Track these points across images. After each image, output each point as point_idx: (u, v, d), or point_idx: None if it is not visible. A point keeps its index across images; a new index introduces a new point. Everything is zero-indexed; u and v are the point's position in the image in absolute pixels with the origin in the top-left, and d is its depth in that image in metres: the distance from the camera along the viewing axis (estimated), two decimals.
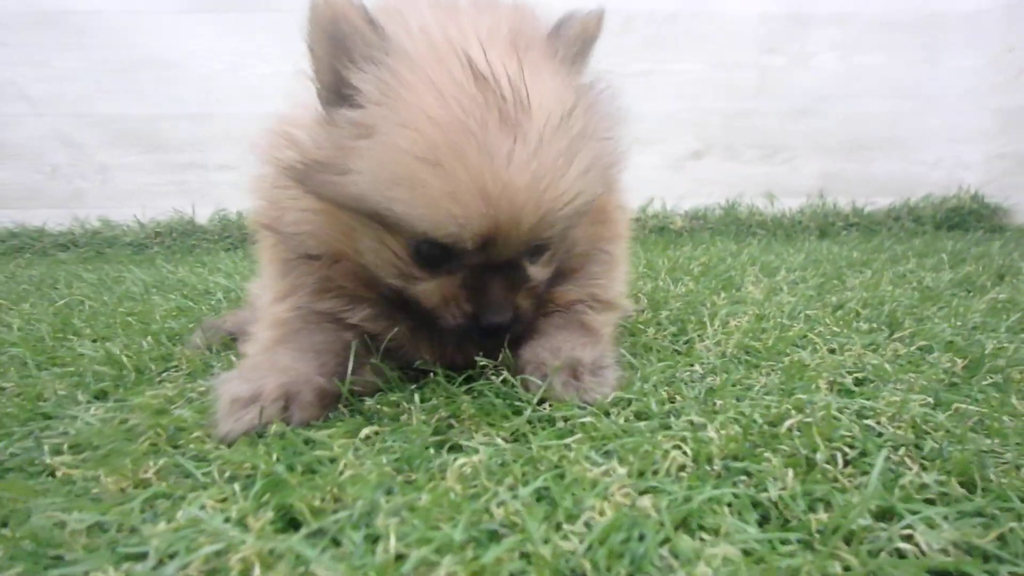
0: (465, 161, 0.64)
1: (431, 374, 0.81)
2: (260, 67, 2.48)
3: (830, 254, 1.95)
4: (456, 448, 0.64)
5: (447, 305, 0.74)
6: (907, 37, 2.55)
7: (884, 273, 1.53)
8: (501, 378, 0.79)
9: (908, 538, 0.48)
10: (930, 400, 0.71)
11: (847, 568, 0.46)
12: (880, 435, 0.64)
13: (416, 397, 0.75)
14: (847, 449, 0.60)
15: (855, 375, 0.80)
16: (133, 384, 0.88)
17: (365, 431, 0.67)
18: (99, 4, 2.40)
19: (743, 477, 0.57)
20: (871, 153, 2.62)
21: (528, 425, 0.68)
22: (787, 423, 0.63)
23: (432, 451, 0.63)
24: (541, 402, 0.72)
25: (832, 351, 0.90)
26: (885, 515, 0.52)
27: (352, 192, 0.68)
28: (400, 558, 0.46)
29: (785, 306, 1.19)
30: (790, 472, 0.56)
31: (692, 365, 0.87)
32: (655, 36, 2.50)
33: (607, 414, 0.70)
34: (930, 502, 0.53)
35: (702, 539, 0.49)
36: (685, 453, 0.60)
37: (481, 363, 0.81)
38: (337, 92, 0.71)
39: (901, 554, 0.47)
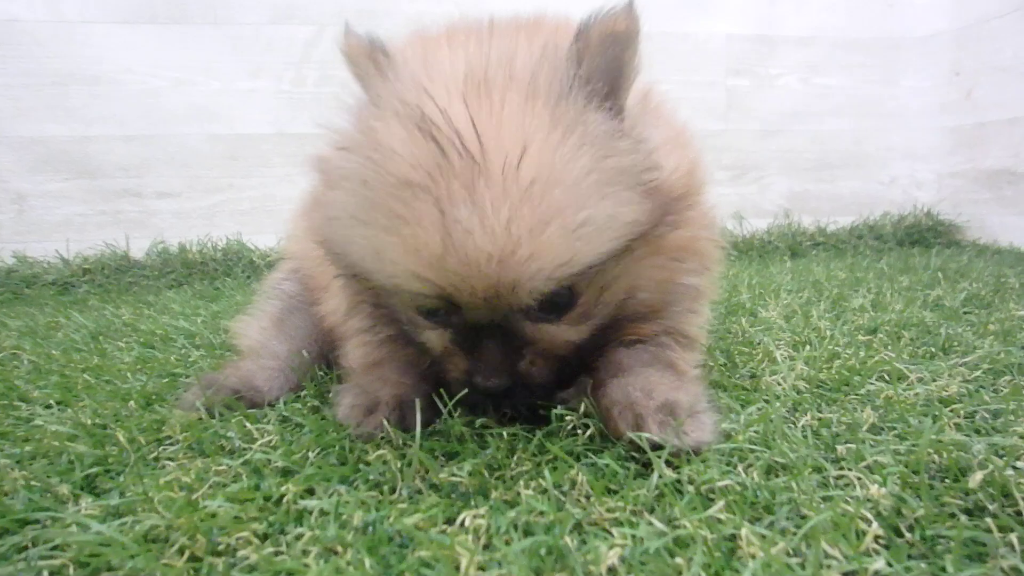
0: (418, 217, 0.60)
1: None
2: (208, 84, 2.28)
3: (812, 273, 1.93)
4: (579, 528, 0.53)
5: (448, 358, 0.72)
6: (866, 58, 2.63)
7: (886, 292, 1.51)
8: (588, 433, 0.68)
9: None
10: None
11: None
12: None
13: (508, 458, 0.64)
14: None
15: (963, 408, 0.74)
16: (125, 465, 0.71)
17: (464, 516, 0.54)
18: (17, 12, 2.15)
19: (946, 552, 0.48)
20: (834, 172, 2.68)
21: (655, 493, 0.57)
22: (976, 476, 0.54)
23: (566, 539, 0.51)
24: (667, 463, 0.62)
25: (921, 380, 0.83)
26: None
27: (332, 248, 0.71)
28: None
29: (819, 331, 1.14)
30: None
31: (772, 402, 0.79)
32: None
33: (729, 465, 0.60)
34: None
35: None
36: (868, 520, 0.50)
37: (559, 412, 0.71)
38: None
39: None
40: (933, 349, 0.99)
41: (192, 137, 2.30)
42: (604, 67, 0.64)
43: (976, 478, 0.54)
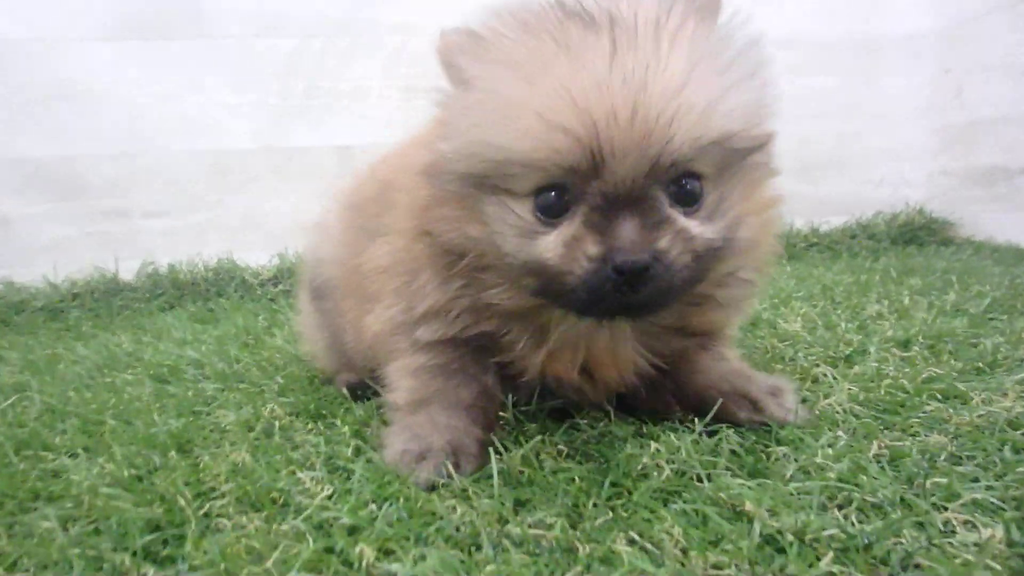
0: (542, 60, 0.62)
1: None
2: (194, 99, 2.22)
3: (815, 277, 1.94)
4: None
5: (571, 253, 0.65)
6: (850, 59, 2.63)
7: (900, 297, 1.51)
8: (663, 475, 0.66)
9: None
10: None
11: None
12: None
13: (584, 503, 0.61)
14: None
15: None
16: (178, 526, 0.67)
17: None
18: (2, 31, 2.07)
19: None
20: (821, 173, 2.68)
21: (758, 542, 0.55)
22: None
23: None
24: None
25: (985, 402, 0.83)
26: None
27: (460, 153, 0.68)
28: None
29: (851, 344, 1.13)
30: None
31: (833, 428, 0.78)
32: None
33: (824, 509, 0.59)
34: None
35: None
36: (993, 569, 0.49)
37: (630, 452, 0.69)
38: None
39: None
40: (980, 364, 0.98)
41: (178, 153, 2.25)
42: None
43: None
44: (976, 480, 0.64)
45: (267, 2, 2.23)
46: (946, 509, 0.58)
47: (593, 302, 0.66)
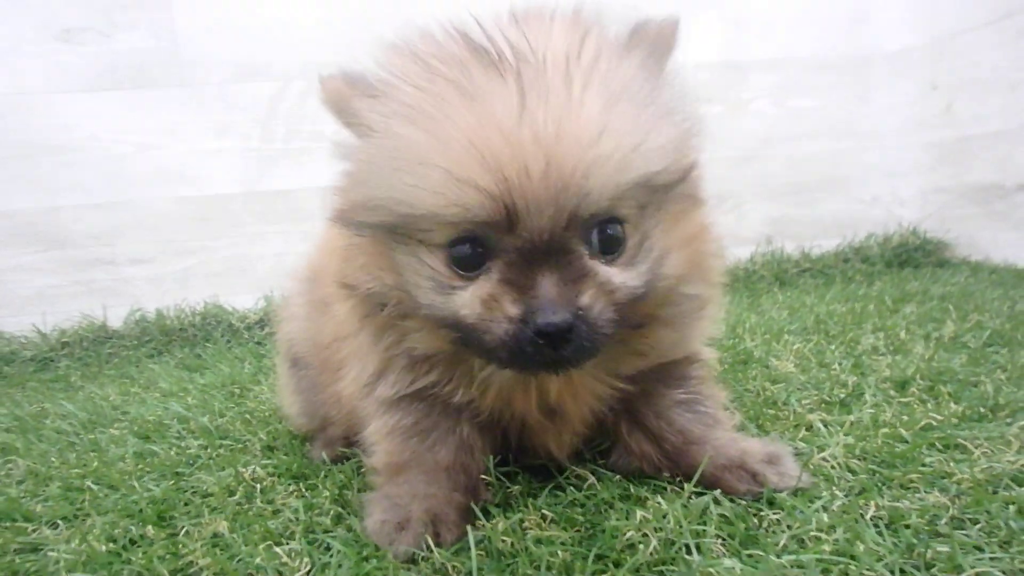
0: (447, 110, 0.58)
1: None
2: (174, 147, 2.22)
3: (807, 306, 1.91)
4: None
5: (489, 312, 0.62)
6: (838, 78, 2.63)
7: (896, 330, 1.49)
8: (650, 548, 0.64)
9: None
10: None
11: None
12: None
13: None
14: None
15: None
16: None
17: None
18: None
19: None
20: (813, 195, 2.67)
21: None
22: None
23: None
24: None
25: (986, 455, 0.80)
26: None
27: (365, 204, 0.65)
28: None
29: (845, 387, 1.11)
30: None
31: (828, 487, 0.75)
32: None
33: None
34: None
35: None
36: None
37: (615, 525, 0.66)
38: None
39: None
40: (982, 409, 0.95)
41: (160, 201, 2.24)
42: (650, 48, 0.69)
43: None
44: (980, 549, 0.61)
45: (245, 48, 2.24)
46: None
47: (515, 359, 0.63)
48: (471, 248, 0.63)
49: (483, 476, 0.81)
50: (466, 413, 0.80)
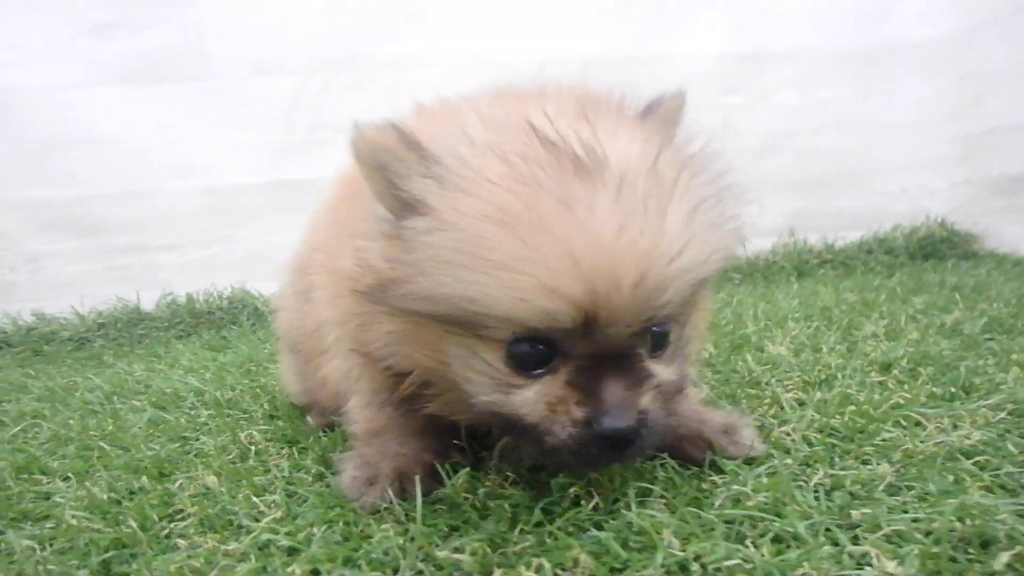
0: (540, 216, 0.56)
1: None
2: (198, 139, 2.33)
3: (820, 297, 1.90)
4: None
5: (554, 413, 0.62)
6: (861, 69, 2.59)
7: (899, 317, 1.48)
8: (592, 503, 0.68)
9: None
10: None
11: None
12: None
13: (510, 531, 0.63)
14: None
15: (986, 460, 0.72)
16: (139, 545, 0.71)
17: None
18: (15, 81, 2.22)
19: None
20: (836, 187, 2.64)
21: (662, 572, 0.56)
22: (1002, 558, 0.53)
23: None
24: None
25: (941, 428, 0.82)
26: None
27: (426, 295, 0.61)
28: None
29: (829, 368, 1.12)
30: None
31: (782, 457, 0.77)
32: (614, 82, 2.47)
33: (738, 537, 0.59)
34: None
35: None
36: None
37: (561, 481, 0.70)
38: (403, 206, 0.65)
39: None
40: (953, 389, 0.96)
41: (187, 192, 2.36)
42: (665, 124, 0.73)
43: (1002, 560, 0.52)
44: (905, 511, 0.63)
45: (268, 43, 2.33)
46: (867, 542, 0.58)
47: (577, 460, 0.63)
48: (532, 347, 0.62)
49: (455, 441, 0.86)
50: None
